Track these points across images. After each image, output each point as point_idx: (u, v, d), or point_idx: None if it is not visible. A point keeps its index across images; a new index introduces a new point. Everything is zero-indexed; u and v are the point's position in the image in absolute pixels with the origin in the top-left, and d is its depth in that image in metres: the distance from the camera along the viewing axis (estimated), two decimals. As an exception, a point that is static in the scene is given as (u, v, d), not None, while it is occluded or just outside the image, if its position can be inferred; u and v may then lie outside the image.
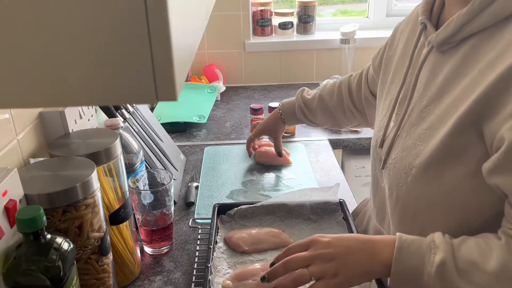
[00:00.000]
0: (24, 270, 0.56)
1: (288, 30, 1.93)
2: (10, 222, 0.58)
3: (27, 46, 0.32)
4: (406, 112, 0.75)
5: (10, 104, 0.34)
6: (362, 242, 0.67)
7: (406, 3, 2.01)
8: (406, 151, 0.72)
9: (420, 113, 0.72)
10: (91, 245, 0.69)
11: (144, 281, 0.87)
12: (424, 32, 0.75)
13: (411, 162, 0.70)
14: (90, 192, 0.67)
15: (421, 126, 0.70)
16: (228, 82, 1.93)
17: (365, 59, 1.86)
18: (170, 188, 0.91)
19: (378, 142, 0.81)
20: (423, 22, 0.75)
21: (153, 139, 1.18)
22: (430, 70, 0.72)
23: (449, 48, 0.70)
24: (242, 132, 1.51)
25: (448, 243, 0.62)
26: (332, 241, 0.67)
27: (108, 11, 0.30)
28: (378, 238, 0.67)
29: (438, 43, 0.70)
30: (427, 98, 0.71)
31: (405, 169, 0.71)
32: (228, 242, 0.89)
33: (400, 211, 0.75)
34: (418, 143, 0.70)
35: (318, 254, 0.66)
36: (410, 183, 0.70)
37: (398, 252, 0.63)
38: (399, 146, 0.74)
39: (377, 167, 0.82)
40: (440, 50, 0.71)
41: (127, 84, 0.33)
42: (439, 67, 0.71)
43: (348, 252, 0.66)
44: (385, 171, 0.77)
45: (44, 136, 0.87)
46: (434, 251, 0.62)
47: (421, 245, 0.63)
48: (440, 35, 0.69)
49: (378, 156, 0.81)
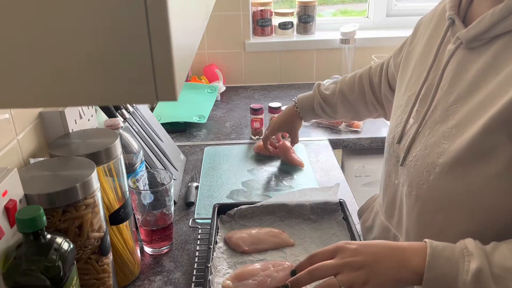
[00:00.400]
0: (24, 270, 0.56)
1: (288, 30, 1.93)
2: (10, 222, 0.58)
3: (27, 46, 0.32)
4: (429, 109, 0.73)
5: (10, 104, 0.34)
6: (390, 249, 0.64)
7: (406, 3, 2.01)
8: (429, 148, 0.70)
9: (446, 111, 0.70)
10: (91, 245, 0.69)
11: (144, 281, 0.87)
12: (452, 28, 0.73)
13: (434, 160, 0.68)
14: (90, 192, 0.67)
15: (446, 124, 0.69)
16: (228, 82, 1.93)
17: (365, 59, 1.87)
18: (170, 188, 0.91)
19: (395, 138, 0.80)
20: (451, 17, 0.72)
21: (153, 139, 1.18)
22: (457, 67, 0.70)
23: (480, 45, 0.67)
24: (242, 132, 1.51)
25: (481, 249, 0.60)
26: (360, 248, 0.65)
27: (108, 11, 0.30)
28: (406, 245, 0.65)
29: (468, 40, 0.67)
30: (454, 95, 0.69)
31: (428, 167, 0.69)
32: (228, 242, 0.89)
33: (420, 210, 0.73)
34: (442, 141, 0.68)
35: (346, 262, 0.63)
36: (432, 182, 0.69)
37: (431, 259, 0.61)
38: (421, 143, 0.72)
39: (392, 163, 0.81)
40: (469, 46, 0.69)
41: (127, 84, 0.33)
42: (467, 64, 0.69)
43: (377, 259, 0.63)
44: (404, 168, 0.75)
45: (44, 136, 0.87)
46: (468, 258, 0.59)
47: (454, 251, 0.61)
48: (471, 32, 0.67)
49: (395, 152, 0.80)
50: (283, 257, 0.86)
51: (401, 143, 0.78)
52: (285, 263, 0.82)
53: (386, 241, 0.69)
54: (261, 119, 1.42)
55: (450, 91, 0.70)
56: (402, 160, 0.76)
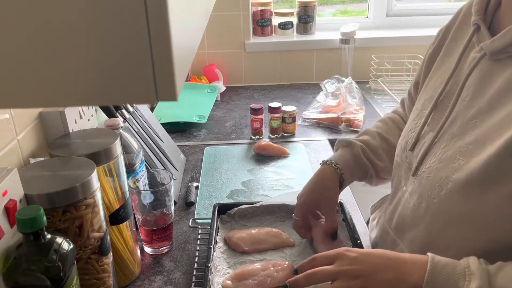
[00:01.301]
0: (24, 270, 0.56)
1: (288, 30, 1.93)
2: (10, 222, 0.58)
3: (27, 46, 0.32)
4: (447, 120, 0.69)
5: (10, 104, 0.34)
6: (391, 260, 0.63)
7: (406, 3, 2.02)
8: (443, 162, 0.68)
9: (465, 125, 0.66)
10: (91, 245, 0.69)
11: (144, 281, 0.87)
12: (477, 34, 0.69)
13: (448, 175, 0.66)
14: (90, 192, 0.67)
15: (464, 139, 0.65)
16: (228, 82, 1.93)
17: (365, 59, 1.87)
18: (170, 188, 0.91)
19: (408, 144, 0.77)
20: (476, 23, 0.68)
21: (153, 139, 1.18)
22: (480, 79, 0.67)
23: (505, 57, 0.64)
24: (242, 132, 1.51)
25: (484, 270, 0.58)
26: (359, 256, 0.64)
27: (108, 11, 0.30)
28: (408, 257, 0.64)
29: (493, 51, 0.64)
30: (475, 109, 0.66)
31: (440, 182, 0.67)
32: (228, 242, 0.89)
33: (428, 222, 0.71)
34: (458, 156, 0.65)
35: (343, 270, 0.63)
36: (444, 197, 0.66)
37: (431, 274, 0.60)
38: (436, 156, 0.70)
39: (403, 170, 0.79)
40: (493, 58, 0.65)
41: (127, 84, 0.33)
42: (491, 76, 0.65)
43: (375, 270, 0.62)
44: (416, 178, 0.73)
45: (44, 136, 0.87)
46: (469, 278, 0.58)
47: (455, 269, 0.60)
48: (497, 43, 0.63)
49: (407, 159, 0.77)
50: (283, 257, 0.86)
51: (415, 151, 0.76)
52: (285, 263, 0.82)
53: (388, 251, 0.67)
54: (261, 119, 1.42)
55: (471, 104, 0.67)
56: (414, 169, 0.74)
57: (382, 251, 0.66)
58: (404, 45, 1.85)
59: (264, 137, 1.45)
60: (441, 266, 0.60)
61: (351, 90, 1.61)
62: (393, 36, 1.89)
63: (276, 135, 1.45)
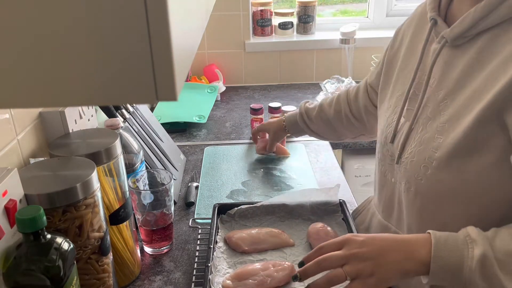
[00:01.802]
0: (24, 270, 0.56)
1: (288, 30, 1.93)
2: (10, 222, 0.58)
3: (27, 46, 0.32)
4: (420, 107, 0.75)
5: (10, 104, 0.34)
6: (397, 241, 0.66)
7: (406, 3, 2.01)
8: (424, 144, 0.72)
9: (437, 107, 0.72)
10: (91, 245, 0.69)
11: (144, 281, 0.87)
12: (435, 28, 0.75)
13: (430, 155, 0.70)
14: (90, 192, 0.67)
15: (439, 119, 0.71)
16: (228, 82, 1.93)
17: (365, 59, 1.87)
18: (170, 188, 0.91)
19: (388, 138, 0.81)
20: (433, 18, 0.75)
21: (153, 139, 1.18)
22: (444, 65, 0.73)
23: (464, 43, 0.70)
24: (242, 132, 1.51)
25: (484, 235, 0.62)
26: (367, 240, 0.66)
27: (108, 11, 0.30)
28: (411, 237, 0.66)
29: (453, 38, 0.70)
30: (443, 92, 0.72)
31: (424, 162, 0.71)
32: (228, 242, 0.89)
33: (420, 205, 0.74)
34: (437, 136, 0.70)
35: (353, 254, 0.65)
36: (430, 176, 0.70)
37: (436, 249, 0.62)
38: (416, 140, 0.74)
39: (387, 163, 0.82)
40: (454, 44, 0.71)
41: (127, 84, 0.33)
42: (453, 61, 0.71)
43: (383, 251, 0.65)
44: (400, 165, 0.77)
45: (44, 136, 0.87)
46: (472, 245, 0.61)
47: (457, 240, 0.63)
48: (455, 30, 0.69)
49: (389, 152, 0.81)
50: (283, 257, 0.86)
51: (395, 142, 0.80)
52: (285, 263, 0.82)
53: (392, 234, 0.70)
54: (261, 119, 1.42)
55: (439, 87, 0.73)
56: (397, 158, 0.77)
57: (388, 234, 0.70)
58: (404, 45, 1.85)
59: (264, 137, 1.45)
60: (444, 239, 0.63)
61: (351, 90, 1.61)
62: (393, 36, 1.89)
63: (276, 135, 1.45)
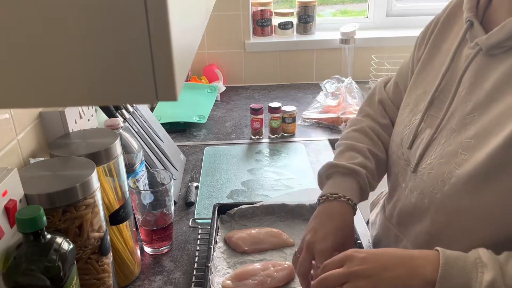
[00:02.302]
0: (24, 270, 0.55)
1: (288, 30, 1.93)
2: (10, 222, 0.58)
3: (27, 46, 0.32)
4: (445, 116, 0.70)
5: (10, 104, 0.34)
6: (400, 257, 0.63)
7: (406, 3, 2.01)
8: (445, 158, 0.68)
9: (463, 119, 0.67)
10: (91, 245, 0.69)
11: (144, 281, 0.87)
12: (470, 31, 0.70)
13: (451, 170, 0.66)
14: (90, 192, 0.67)
15: (464, 134, 0.66)
16: (228, 82, 1.93)
17: (365, 59, 1.87)
18: (170, 188, 0.91)
19: (405, 142, 0.77)
20: (469, 19, 0.69)
21: (153, 139, 1.18)
22: (476, 73, 0.67)
23: (500, 53, 0.65)
24: (242, 132, 1.51)
25: (495, 260, 0.58)
26: (368, 256, 0.63)
27: (108, 11, 0.30)
28: (417, 253, 0.63)
29: (488, 47, 0.65)
30: (472, 103, 0.66)
31: (443, 177, 0.67)
32: (228, 242, 0.89)
33: (432, 217, 0.71)
34: (460, 151, 0.66)
35: (354, 271, 0.62)
36: (447, 192, 0.66)
37: (444, 269, 0.59)
38: (437, 152, 0.70)
39: (401, 166, 0.79)
40: (489, 53, 0.66)
41: (127, 84, 0.33)
42: (487, 71, 0.66)
43: (385, 267, 0.62)
44: (417, 175, 0.73)
45: (44, 136, 0.87)
46: (482, 269, 0.58)
47: (466, 261, 0.59)
48: (492, 38, 0.64)
49: (404, 156, 0.78)
50: (283, 257, 0.86)
51: (413, 148, 0.76)
52: (285, 263, 0.82)
53: (396, 249, 0.67)
54: (261, 119, 1.42)
55: (468, 98, 0.68)
56: (414, 167, 0.74)
57: (390, 249, 0.66)
58: (404, 45, 1.85)
59: (264, 137, 1.45)
60: (453, 259, 0.60)
61: (351, 90, 1.61)
62: (393, 36, 1.89)
63: (276, 135, 1.45)
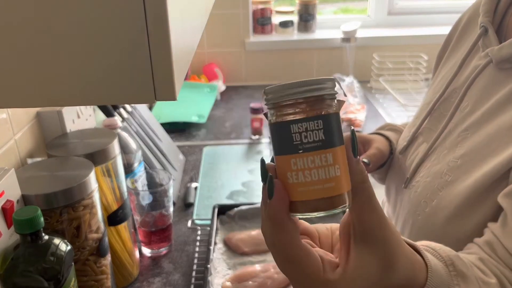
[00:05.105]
0: (21, 272, 0.55)
1: (288, 28, 1.92)
2: (7, 223, 0.58)
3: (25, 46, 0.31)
4: (442, 132, 0.63)
5: (7, 103, 0.34)
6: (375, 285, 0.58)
7: (408, 1, 2.01)
8: (431, 177, 0.63)
9: (457, 137, 0.60)
10: (89, 246, 0.69)
11: (143, 283, 0.86)
12: (483, 38, 0.62)
13: (433, 191, 0.61)
14: (88, 193, 0.67)
15: (453, 152, 0.60)
16: (228, 81, 1.92)
17: (366, 58, 1.87)
18: (169, 188, 0.90)
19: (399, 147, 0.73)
20: (483, 25, 0.61)
21: (152, 139, 1.18)
22: (483, 89, 0.60)
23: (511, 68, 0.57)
24: (242, 132, 1.50)
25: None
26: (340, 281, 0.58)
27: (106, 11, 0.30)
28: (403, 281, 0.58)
29: (499, 59, 0.57)
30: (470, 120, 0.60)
31: (425, 198, 0.62)
32: (228, 243, 0.88)
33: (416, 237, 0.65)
34: (446, 171, 0.60)
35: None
36: (427, 214, 0.61)
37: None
38: (426, 169, 0.65)
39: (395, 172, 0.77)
40: (499, 67, 0.58)
41: (126, 84, 0.32)
42: (494, 85, 0.58)
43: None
44: (406, 191, 0.69)
45: (41, 136, 0.87)
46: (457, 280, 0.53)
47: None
48: (505, 51, 0.57)
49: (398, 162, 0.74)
50: (284, 258, 0.86)
51: (407, 161, 0.72)
52: (286, 264, 0.81)
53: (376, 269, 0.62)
54: (261, 119, 1.42)
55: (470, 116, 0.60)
56: (406, 182, 0.69)
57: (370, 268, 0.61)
58: (405, 44, 1.84)
59: (264, 137, 1.44)
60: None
61: (352, 89, 1.61)
62: (395, 35, 1.89)
63: (276, 134, 1.44)
